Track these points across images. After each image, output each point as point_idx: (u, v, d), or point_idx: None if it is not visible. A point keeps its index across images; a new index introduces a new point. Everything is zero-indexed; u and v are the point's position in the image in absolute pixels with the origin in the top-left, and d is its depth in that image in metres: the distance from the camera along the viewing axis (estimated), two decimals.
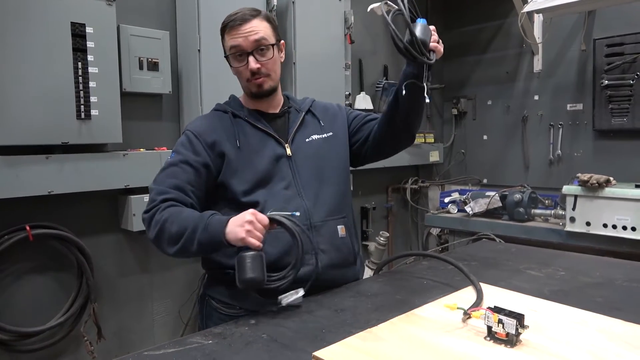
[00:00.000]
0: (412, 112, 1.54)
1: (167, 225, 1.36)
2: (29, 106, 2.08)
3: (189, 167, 1.46)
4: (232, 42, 1.49)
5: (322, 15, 3.13)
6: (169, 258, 2.78)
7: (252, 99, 1.59)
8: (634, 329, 1.11)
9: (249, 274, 1.25)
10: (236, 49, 1.49)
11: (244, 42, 1.48)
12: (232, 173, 1.48)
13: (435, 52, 1.43)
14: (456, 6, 4.60)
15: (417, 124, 1.62)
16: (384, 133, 1.62)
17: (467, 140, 4.58)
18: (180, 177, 1.44)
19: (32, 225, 2.23)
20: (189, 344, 1.13)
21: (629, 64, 3.47)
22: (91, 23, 2.23)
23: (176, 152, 1.50)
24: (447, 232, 4.19)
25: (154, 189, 1.45)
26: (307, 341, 1.12)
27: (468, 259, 1.82)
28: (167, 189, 1.42)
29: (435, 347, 1.03)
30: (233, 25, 1.49)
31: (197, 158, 1.47)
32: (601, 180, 2.98)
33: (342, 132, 1.68)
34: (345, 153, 1.68)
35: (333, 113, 1.71)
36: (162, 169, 1.49)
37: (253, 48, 1.48)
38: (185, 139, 1.51)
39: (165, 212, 1.38)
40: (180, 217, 1.36)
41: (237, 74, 1.56)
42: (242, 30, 1.48)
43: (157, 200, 1.41)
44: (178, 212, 1.38)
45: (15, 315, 2.26)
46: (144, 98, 2.63)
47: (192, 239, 1.33)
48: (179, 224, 1.35)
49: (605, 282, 1.53)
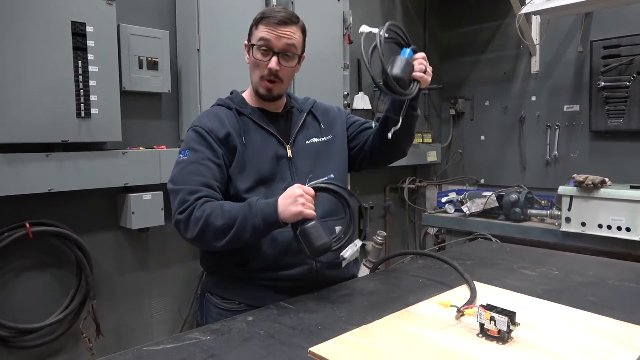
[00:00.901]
0: (401, 135, 1.57)
1: (212, 220, 1.34)
2: (29, 104, 2.10)
3: (211, 163, 1.44)
4: (266, 35, 1.47)
5: (321, 16, 3.15)
6: (167, 256, 2.82)
7: (257, 97, 1.59)
8: (625, 327, 1.13)
9: (318, 242, 1.30)
10: (266, 43, 1.48)
11: (276, 41, 1.47)
12: (238, 169, 1.48)
13: (420, 82, 1.46)
14: (454, 7, 4.62)
15: (407, 144, 1.69)
16: (376, 147, 1.67)
17: (464, 140, 4.60)
18: (205, 174, 1.42)
19: (32, 222, 2.25)
20: (188, 340, 1.15)
21: (626, 65, 3.50)
22: (91, 22, 2.25)
23: (192, 150, 1.47)
24: (444, 232, 4.21)
25: (183, 188, 1.40)
26: (303, 337, 1.14)
27: (463, 258, 1.84)
28: (197, 187, 1.40)
29: (428, 344, 1.05)
30: (272, 21, 1.48)
31: (216, 153, 1.46)
32: (596, 181, 3.01)
33: (341, 135, 1.70)
34: (343, 156, 1.70)
35: (333, 116, 1.73)
36: (182, 168, 1.45)
37: (281, 50, 1.48)
38: (197, 136, 1.49)
39: (205, 207, 1.36)
40: (224, 210, 1.35)
41: (253, 66, 1.54)
42: (279, 29, 1.47)
43: (191, 199, 1.38)
44: (218, 205, 1.37)
45: (15, 312, 2.28)
46: (143, 97, 2.65)
47: (243, 227, 1.33)
48: (224, 216, 1.34)
49: (598, 282, 1.55)
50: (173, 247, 2.83)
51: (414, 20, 4.51)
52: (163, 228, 2.66)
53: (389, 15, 4.26)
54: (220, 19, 2.64)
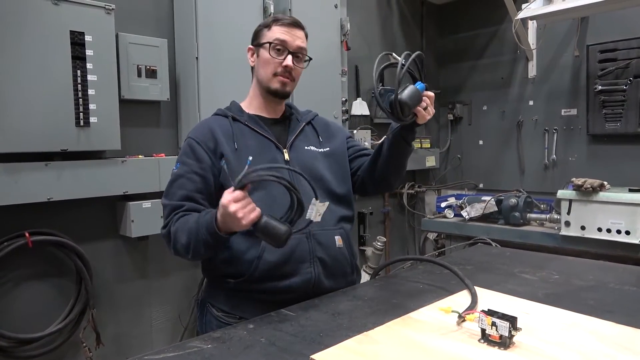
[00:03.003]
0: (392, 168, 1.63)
1: (178, 236, 1.41)
2: (28, 114, 2.10)
3: (196, 176, 1.48)
4: (282, 35, 1.54)
5: (319, 23, 3.16)
6: (166, 264, 2.82)
7: (266, 95, 1.60)
8: (625, 330, 1.13)
9: (277, 236, 1.27)
10: (281, 42, 1.54)
11: (292, 41, 1.55)
12: (231, 174, 1.48)
13: (418, 117, 1.50)
14: (451, 13, 4.65)
15: (396, 179, 1.71)
16: (366, 178, 1.70)
17: (463, 145, 4.61)
18: (188, 188, 1.46)
19: (32, 231, 2.25)
20: (189, 348, 1.14)
21: (622, 69, 3.52)
22: (90, 31, 2.26)
23: (181, 163, 1.51)
24: (443, 237, 4.22)
25: (167, 205, 1.47)
26: (304, 344, 1.13)
27: (463, 263, 1.84)
28: (179, 203, 1.45)
29: (429, 350, 1.05)
30: (287, 23, 1.56)
31: (202, 165, 1.48)
32: (595, 184, 3.01)
33: (340, 151, 1.70)
34: (345, 168, 1.70)
35: (334, 130, 1.75)
36: (171, 182, 1.50)
37: (295, 50, 1.56)
38: (188, 148, 1.52)
39: (177, 223, 1.42)
40: (186, 226, 1.39)
41: (264, 63, 1.56)
42: (293, 31, 1.56)
43: (172, 214, 1.45)
44: (185, 221, 1.41)
45: (15, 321, 2.27)
46: (142, 105, 2.66)
47: (197, 242, 1.36)
48: (185, 232, 1.39)
49: (598, 285, 1.55)
50: (173, 255, 2.81)
51: (411, 26, 4.54)
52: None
53: (386, 22, 4.28)
54: (219, 28, 2.65)
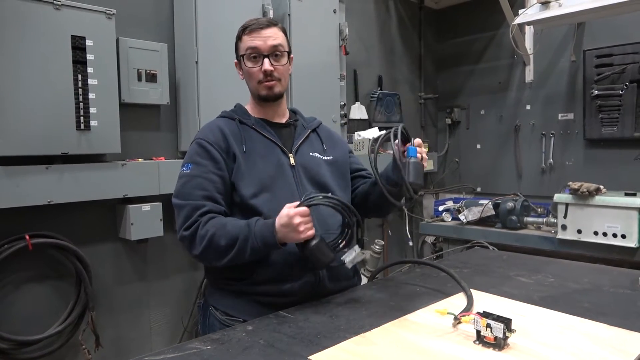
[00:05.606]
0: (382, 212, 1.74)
1: (216, 240, 1.39)
2: (29, 117, 2.11)
3: (214, 176, 1.48)
4: (251, 43, 1.54)
5: (318, 27, 3.18)
6: (165, 267, 2.83)
7: (260, 102, 1.62)
8: (619, 332, 1.15)
9: (323, 259, 1.39)
10: (253, 50, 1.54)
11: (263, 44, 1.54)
12: (240, 176, 1.50)
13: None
14: (449, 18, 4.68)
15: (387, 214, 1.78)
16: (360, 203, 1.71)
17: (460, 149, 4.64)
18: (208, 188, 1.46)
19: (32, 234, 2.26)
20: (188, 350, 1.16)
21: (618, 74, 3.55)
22: (91, 36, 2.27)
23: (195, 163, 1.50)
24: (441, 240, 4.23)
25: (188, 204, 1.44)
26: (302, 346, 1.15)
27: (460, 266, 1.86)
28: (201, 202, 1.44)
29: (425, 351, 1.06)
30: (254, 28, 1.55)
31: (219, 165, 1.49)
32: (591, 188, 3.04)
33: (342, 161, 1.72)
34: (347, 178, 1.72)
35: (337, 140, 1.77)
36: (185, 182, 1.48)
37: (269, 52, 1.55)
38: (200, 149, 1.52)
39: (209, 226, 1.40)
40: (226, 230, 1.39)
41: (248, 75, 1.59)
42: (262, 33, 1.54)
43: (195, 215, 1.42)
44: (222, 224, 1.40)
45: (14, 323, 2.28)
46: (142, 109, 2.67)
47: (244, 248, 1.38)
48: (226, 237, 1.38)
49: (593, 288, 1.57)
50: (172, 258, 2.83)
51: (409, 31, 4.56)
52: (162, 239, 2.67)
53: (384, 27, 4.31)
54: (218, 32, 2.67)
